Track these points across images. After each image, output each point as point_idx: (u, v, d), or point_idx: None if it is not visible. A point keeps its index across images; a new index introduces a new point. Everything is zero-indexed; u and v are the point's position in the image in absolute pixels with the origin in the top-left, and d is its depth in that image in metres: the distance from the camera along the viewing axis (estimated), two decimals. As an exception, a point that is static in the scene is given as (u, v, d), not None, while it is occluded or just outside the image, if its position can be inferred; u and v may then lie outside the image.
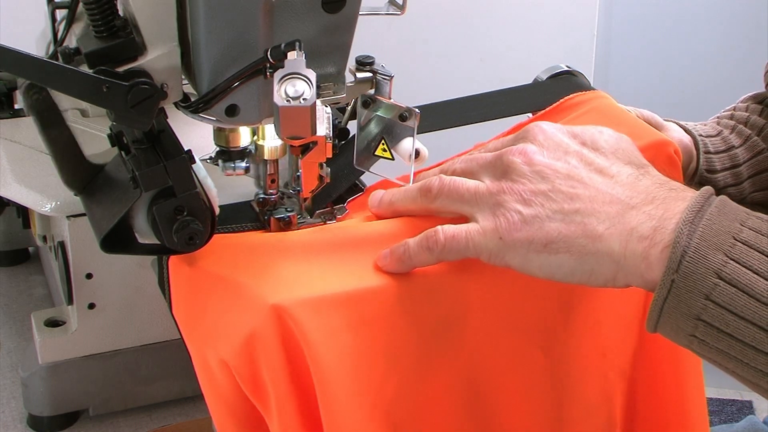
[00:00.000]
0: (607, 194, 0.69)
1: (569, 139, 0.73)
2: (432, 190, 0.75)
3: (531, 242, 0.69)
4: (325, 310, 0.71)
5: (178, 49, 0.73)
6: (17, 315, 1.11)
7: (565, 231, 0.68)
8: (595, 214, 0.68)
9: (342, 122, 0.87)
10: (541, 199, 0.70)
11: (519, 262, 0.70)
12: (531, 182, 0.71)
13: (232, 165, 0.80)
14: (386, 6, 0.84)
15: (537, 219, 0.69)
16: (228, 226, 0.80)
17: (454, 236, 0.72)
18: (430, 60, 2.13)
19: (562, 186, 0.70)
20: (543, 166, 0.71)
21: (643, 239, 0.65)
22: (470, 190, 0.73)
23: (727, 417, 2.44)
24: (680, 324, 0.64)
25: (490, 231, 0.70)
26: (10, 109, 1.05)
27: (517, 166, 0.71)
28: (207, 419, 0.81)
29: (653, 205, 0.67)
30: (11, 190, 0.91)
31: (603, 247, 0.67)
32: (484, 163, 0.74)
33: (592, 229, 0.68)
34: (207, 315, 0.74)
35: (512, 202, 0.70)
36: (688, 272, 0.63)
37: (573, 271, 0.69)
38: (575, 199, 0.69)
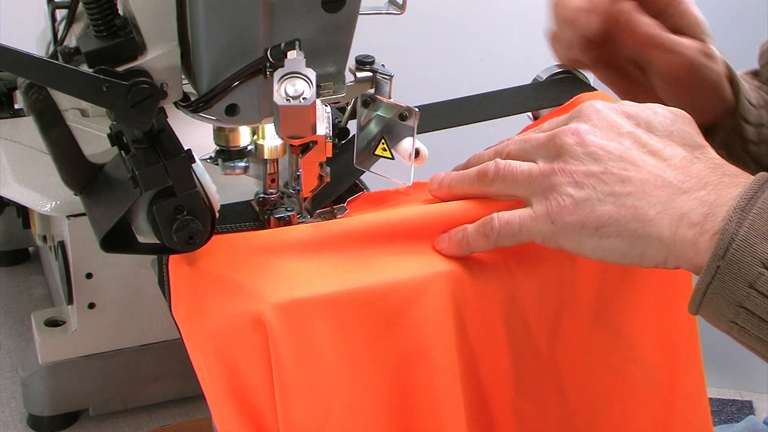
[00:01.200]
0: (659, 177, 0.69)
1: (623, 120, 0.72)
2: (488, 175, 0.75)
3: (583, 226, 0.69)
4: (324, 309, 0.71)
5: (178, 49, 0.73)
6: (17, 315, 1.11)
7: (615, 215, 0.68)
8: (646, 198, 0.68)
9: (342, 122, 0.87)
10: (593, 181, 0.70)
11: (572, 245, 0.71)
12: (583, 164, 0.70)
13: (231, 164, 0.80)
14: (386, 6, 0.84)
15: (588, 202, 0.69)
16: (228, 226, 0.80)
17: (509, 222, 0.73)
18: (430, 60, 2.13)
19: (614, 168, 0.70)
20: (596, 147, 0.71)
21: (694, 225, 0.66)
22: (524, 173, 0.73)
23: (727, 417, 2.44)
24: (722, 309, 0.65)
25: (542, 215, 0.71)
26: (10, 109, 1.05)
27: (569, 147, 0.71)
28: (207, 419, 0.81)
29: (705, 190, 0.67)
30: (11, 190, 0.91)
31: (653, 232, 0.67)
32: (537, 144, 0.74)
33: (642, 214, 0.68)
34: (207, 315, 0.74)
35: (564, 185, 0.70)
36: (734, 260, 0.63)
37: (625, 254, 0.69)
38: (627, 182, 0.69)
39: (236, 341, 0.72)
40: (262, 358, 0.71)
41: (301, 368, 0.70)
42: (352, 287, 0.72)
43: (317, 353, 0.70)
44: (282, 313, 0.70)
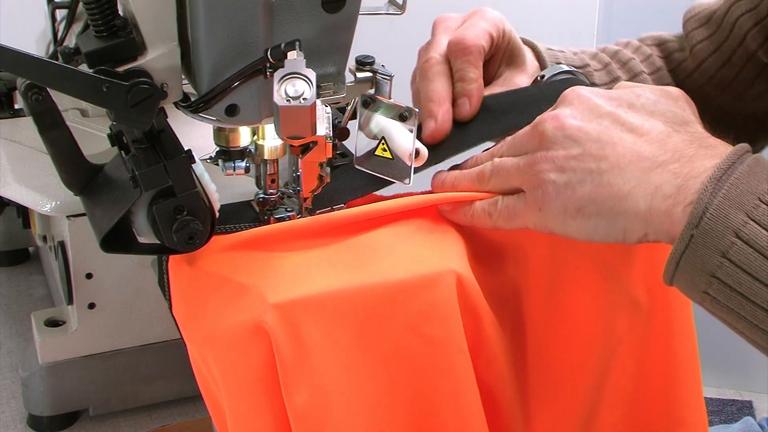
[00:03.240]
0: (634, 152, 0.70)
1: (604, 101, 0.74)
2: (485, 175, 0.78)
3: (566, 210, 0.71)
4: (324, 309, 0.71)
5: (178, 49, 0.73)
6: (17, 315, 1.11)
7: (593, 194, 0.70)
8: (621, 174, 0.70)
9: (342, 122, 0.87)
10: (573, 163, 0.71)
11: (559, 229, 0.73)
12: (563, 148, 0.72)
13: (232, 165, 0.80)
14: (386, 6, 0.84)
15: (569, 186, 0.71)
16: (228, 226, 0.80)
17: (507, 207, 0.75)
18: (430, 60, 2.13)
19: (591, 149, 0.71)
20: (574, 130, 0.72)
21: (667, 197, 0.67)
22: (513, 166, 0.75)
23: (727, 417, 2.44)
24: (695, 279, 0.66)
25: (531, 204, 0.73)
26: (10, 109, 1.05)
27: (549, 133, 0.73)
28: (207, 419, 0.81)
29: (679, 163, 0.68)
30: (11, 190, 0.91)
31: (630, 207, 0.69)
32: (522, 137, 0.76)
33: (618, 190, 0.69)
34: (207, 315, 0.74)
35: (546, 172, 0.72)
36: (707, 229, 0.64)
37: (608, 232, 0.71)
38: (603, 160, 0.70)
39: (236, 341, 0.72)
40: (261, 358, 0.71)
41: (301, 365, 0.70)
42: (351, 285, 0.72)
43: (317, 350, 0.70)
44: (281, 312, 0.70)
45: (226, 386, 0.73)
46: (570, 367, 0.82)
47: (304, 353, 0.70)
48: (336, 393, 0.70)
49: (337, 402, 0.70)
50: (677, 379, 0.84)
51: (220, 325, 0.73)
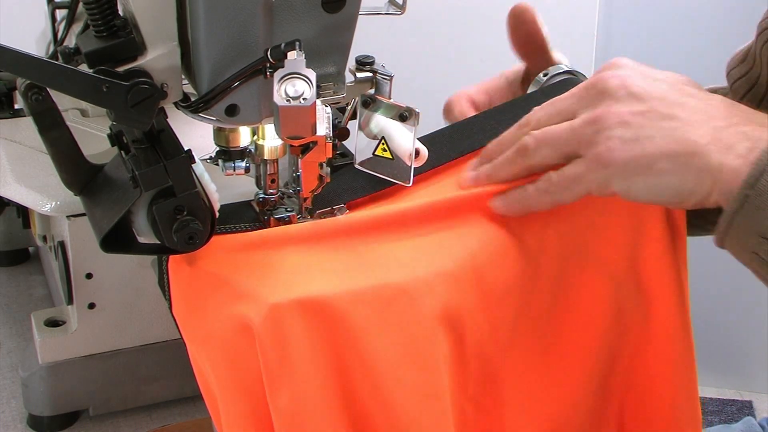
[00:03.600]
0: (704, 112, 0.70)
1: (654, 72, 0.74)
2: (529, 147, 0.75)
3: (636, 166, 0.70)
4: (324, 310, 0.71)
5: (178, 49, 0.73)
6: (17, 315, 1.11)
7: (666, 149, 0.69)
8: (695, 130, 0.69)
9: (342, 122, 0.87)
10: (639, 119, 0.70)
11: (623, 186, 0.71)
12: (627, 104, 0.71)
13: (232, 165, 0.80)
14: (386, 6, 0.84)
15: (638, 141, 0.70)
16: (228, 226, 0.80)
17: (565, 175, 0.73)
18: (430, 60, 2.14)
19: (658, 107, 0.70)
20: (638, 88, 0.71)
21: (739, 156, 0.67)
22: (566, 130, 0.73)
23: (727, 417, 2.44)
24: (746, 239, 0.66)
25: (593, 161, 0.71)
26: (10, 109, 1.05)
27: (612, 90, 0.72)
28: (207, 419, 0.81)
29: (750, 126, 0.68)
30: (11, 190, 0.91)
31: (704, 163, 0.68)
32: (573, 99, 0.74)
33: (693, 145, 0.68)
34: (207, 315, 0.74)
35: (611, 128, 0.71)
36: (762, 190, 0.64)
37: (677, 191, 0.69)
38: (673, 118, 0.70)
39: (236, 341, 0.72)
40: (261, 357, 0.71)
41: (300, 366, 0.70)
42: (351, 288, 0.72)
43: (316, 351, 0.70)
44: (281, 312, 0.70)
45: (222, 387, 0.73)
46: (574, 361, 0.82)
47: (303, 353, 0.70)
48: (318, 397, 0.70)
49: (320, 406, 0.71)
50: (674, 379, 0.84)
51: (219, 326, 0.73)
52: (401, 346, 0.71)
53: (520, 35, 0.91)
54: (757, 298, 2.41)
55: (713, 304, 2.43)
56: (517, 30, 0.91)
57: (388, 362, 0.71)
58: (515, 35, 0.92)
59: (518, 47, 0.92)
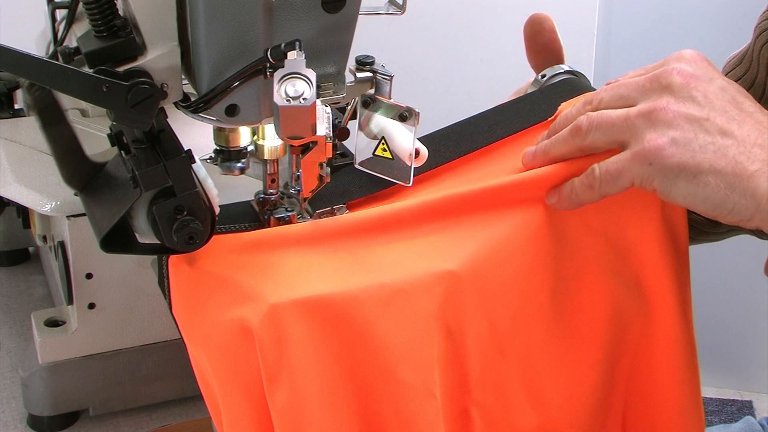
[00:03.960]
0: (759, 136, 0.69)
1: (718, 75, 0.73)
2: (582, 128, 0.75)
3: (682, 170, 0.69)
4: (324, 310, 0.71)
5: (178, 49, 0.73)
6: (17, 315, 1.11)
7: (716, 164, 0.68)
8: (746, 153, 0.69)
9: (342, 122, 0.87)
10: (694, 126, 0.70)
11: (665, 187, 0.70)
12: (685, 106, 0.70)
13: (229, 165, 0.80)
14: (386, 6, 0.84)
15: (689, 147, 0.69)
16: (228, 226, 0.80)
17: (608, 169, 0.73)
18: (430, 60, 2.13)
19: (717, 118, 0.70)
20: (701, 92, 0.71)
21: None
22: (620, 117, 0.73)
23: (727, 417, 2.44)
24: None
25: (640, 155, 0.71)
26: (10, 109, 1.05)
27: (676, 86, 0.71)
28: (207, 419, 0.81)
29: None
30: (11, 190, 0.91)
31: (749, 188, 0.68)
32: (636, 87, 0.74)
33: (743, 168, 0.68)
34: (207, 315, 0.74)
35: (664, 125, 0.70)
36: None
37: (716, 206, 0.69)
38: (728, 135, 0.69)
39: (236, 341, 0.72)
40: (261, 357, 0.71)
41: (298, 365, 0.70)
42: (351, 288, 0.72)
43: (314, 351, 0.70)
44: (281, 312, 0.70)
45: (222, 387, 0.73)
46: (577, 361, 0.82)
47: (303, 354, 0.70)
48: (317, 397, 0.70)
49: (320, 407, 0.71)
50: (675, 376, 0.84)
51: (219, 326, 0.73)
52: (400, 346, 0.72)
53: (538, 44, 0.91)
54: (757, 298, 2.41)
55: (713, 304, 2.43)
56: (535, 38, 0.91)
57: (387, 362, 0.71)
58: (532, 43, 0.91)
59: (534, 55, 0.92)
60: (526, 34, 0.91)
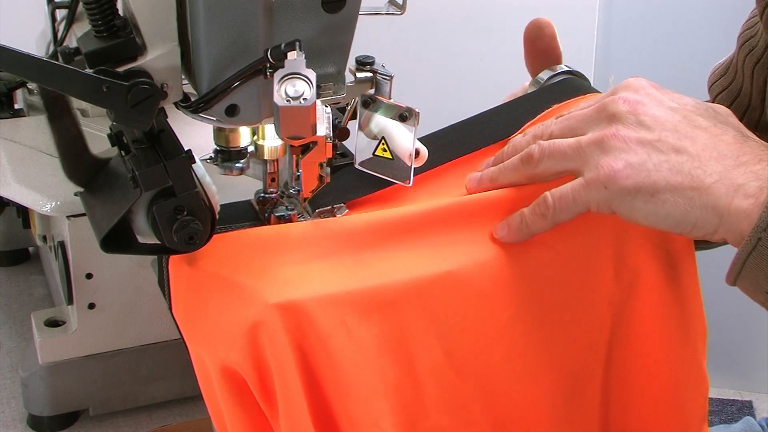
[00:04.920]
0: (714, 150, 0.69)
1: (668, 97, 0.73)
2: (534, 156, 0.75)
3: (638, 191, 0.69)
4: (324, 309, 0.71)
5: (178, 49, 0.73)
6: (17, 315, 1.11)
7: (673, 181, 0.68)
8: (702, 167, 0.68)
9: (342, 122, 0.87)
10: (647, 148, 0.70)
11: (624, 210, 0.70)
12: (636, 131, 0.70)
13: (228, 165, 0.80)
14: (386, 6, 0.84)
15: (644, 166, 0.69)
16: (228, 226, 0.80)
17: (562, 196, 0.73)
18: (430, 60, 2.13)
19: (668, 138, 0.70)
20: (649, 117, 0.71)
21: (749, 197, 0.66)
22: (572, 145, 0.73)
23: (727, 417, 2.44)
24: (759, 281, 0.66)
25: (594, 181, 0.71)
26: (10, 109, 1.05)
27: (621, 115, 0.71)
28: (207, 419, 0.81)
29: (761, 165, 0.67)
30: (11, 190, 0.91)
31: (709, 201, 0.67)
32: (584, 118, 0.74)
33: (700, 182, 0.68)
34: (207, 315, 0.74)
35: (616, 150, 0.70)
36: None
37: (678, 223, 0.69)
38: (682, 152, 0.69)
39: (236, 341, 0.72)
40: (261, 358, 0.71)
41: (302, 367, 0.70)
42: (351, 288, 0.72)
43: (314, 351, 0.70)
44: (281, 313, 0.70)
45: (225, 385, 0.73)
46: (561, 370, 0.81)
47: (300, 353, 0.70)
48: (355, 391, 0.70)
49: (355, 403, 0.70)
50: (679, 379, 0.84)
51: (219, 325, 0.73)
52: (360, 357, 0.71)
53: (537, 48, 0.91)
54: (757, 298, 2.41)
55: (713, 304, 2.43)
56: (535, 43, 0.91)
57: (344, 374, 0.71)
58: (532, 48, 0.91)
59: (532, 60, 0.92)
60: (525, 38, 0.91)
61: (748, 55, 1.00)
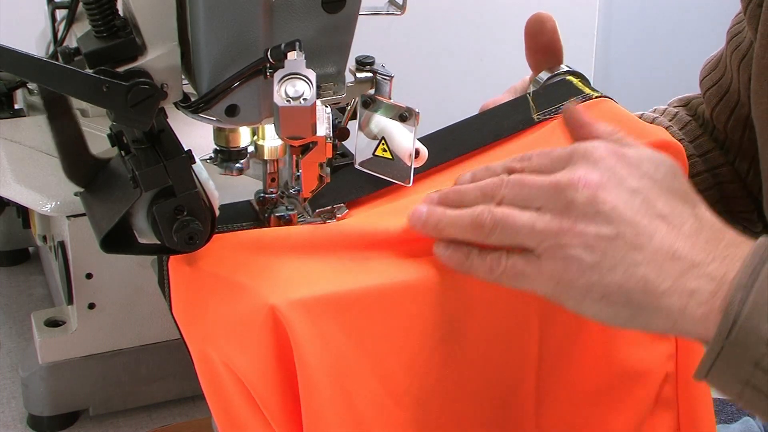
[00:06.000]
0: (670, 249, 0.66)
1: (628, 171, 0.69)
2: (485, 226, 0.70)
3: (589, 291, 0.67)
4: (324, 310, 0.71)
5: (178, 49, 0.73)
6: (17, 315, 1.11)
7: (625, 284, 0.66)
8: (657, 271, 0.65)
9: (342, 122, 0.87)
10: (604, 245, 0.66)
11: (573, 305, 0.68)
12: (595, 224, 0.67)
13: (231, 165, 0.80)
14: (386, 6, 0.84)
15: (597, 268, 0.66)
16: (228, 226, 0.80)
17: (515, 266, 0.69)
18: (430, 60, 2.14)
19: (626, 234, 0.66)
20: (608, 207, 0.67)
21: (702, 304, 0.64)
22: (526, 226, 0.68)
23: (728, 417, 2.43)
24: (728, 384, 0.64)
25: (547, 272, 0.68)
26: (10, 109, 1.05)
27: (580, 205, 0.67)
28: (207, 419, 0.81)
29: (715, 264, 0.65)
30: (11, 190, 0.91)
31: (661, 306, 0.65)
32: (539, 191, 0.69)
33: (653, 287, 0.65)
34: (207, 315, 0.74)
35: (573, 247, 0.67)
36: (738, 341, 0.62)
37: (627, 322, 0.67)
38: (639, 251, 0.66)
39: (236, 341, 0.72)
40: (261, 357, 0.71)
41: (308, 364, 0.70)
42: (351, 288, 0.72)
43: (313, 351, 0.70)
44: (281, 313, 0.70)
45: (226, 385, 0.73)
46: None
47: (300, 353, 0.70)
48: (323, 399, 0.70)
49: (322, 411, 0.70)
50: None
51: (220, 325, 0.73)
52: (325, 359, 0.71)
53: (538, 43, 0.90)
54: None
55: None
56: (536, 37, 0.90)
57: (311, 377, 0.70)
58: (533, 42, 0.91)
59: (533, 54, 0.91)
60: (527, 33, 0.91)
61: (735, 51, 0.99)
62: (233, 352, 0.72)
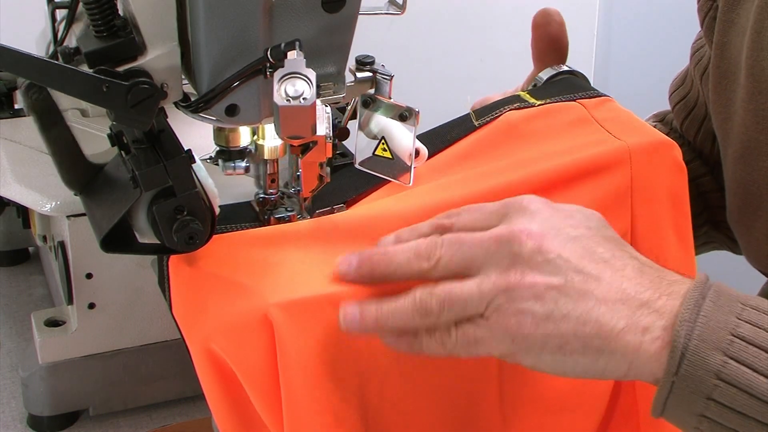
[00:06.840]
0: (619, 289, 0.66)
1: (563, 221, 0.68)
2: (432, 311, 0.67)
3: (546, 343, 0.66)
4: (325, 309, 0.71)
5: (178, 49, 0.73)
6: (17, 315, 1.11)
7: (579, 331, 0.65)
8: (609, 312, 0.65)
9: (342, 122, 0.87)
10: (554, 294, 0.65)
11: (530, 361, 0.67)
12: (543, 275, 0.66)
13: (232, 165, 0.80)
14: (386, 6, 0.84)
15: (551, 319, 0.65)
16: (228, 226, 0.80)
17: (466, 334, 0.67)
18: (430, 60, 2.14)
19: (575, 280, 0.65)
20: (554, 255, 0.66)
21: (656, 340, 0.64)
22: (473, 293, 0.66)
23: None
24: (684, 418, 0.65)
25: (501, 331, 0.66)
26: (10, 109, 1.05)
27: (525, 256, 0.66)
28: (207, 419, 0.81)
29: (662, 300, 0.65)
30: (11, 190, 0.91)
31: (618, 347, 0.65)
32: (480, 249, 0.67)
33: (608, 330, 0.65)
34: (207, 315, 0.74)
35: (525, 300, 0.65)
36: (687, 375, 0.63)
37: (586, 370, 0.66)
38: (589, 296, 0.65)
39: (236, 341, 0.72)
40: (262, 357, 0.71)
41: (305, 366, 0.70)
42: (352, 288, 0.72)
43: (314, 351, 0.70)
44: (282, 312, 0.70)
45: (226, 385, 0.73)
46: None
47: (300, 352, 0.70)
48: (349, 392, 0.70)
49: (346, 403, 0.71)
50: None
51: (220, 325, 0.73)
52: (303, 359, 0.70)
53: (545, 34, 0.90)
54: (757, 298, 2.40)
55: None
56: (544, 28, 0.90)
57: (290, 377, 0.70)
58: (539, 36, 0.90)
59: (539, 49, 0.91)
60: (534, 24, 0.90)
61: (697, 65, 1.00)
62: (233, 352, 0.72)
